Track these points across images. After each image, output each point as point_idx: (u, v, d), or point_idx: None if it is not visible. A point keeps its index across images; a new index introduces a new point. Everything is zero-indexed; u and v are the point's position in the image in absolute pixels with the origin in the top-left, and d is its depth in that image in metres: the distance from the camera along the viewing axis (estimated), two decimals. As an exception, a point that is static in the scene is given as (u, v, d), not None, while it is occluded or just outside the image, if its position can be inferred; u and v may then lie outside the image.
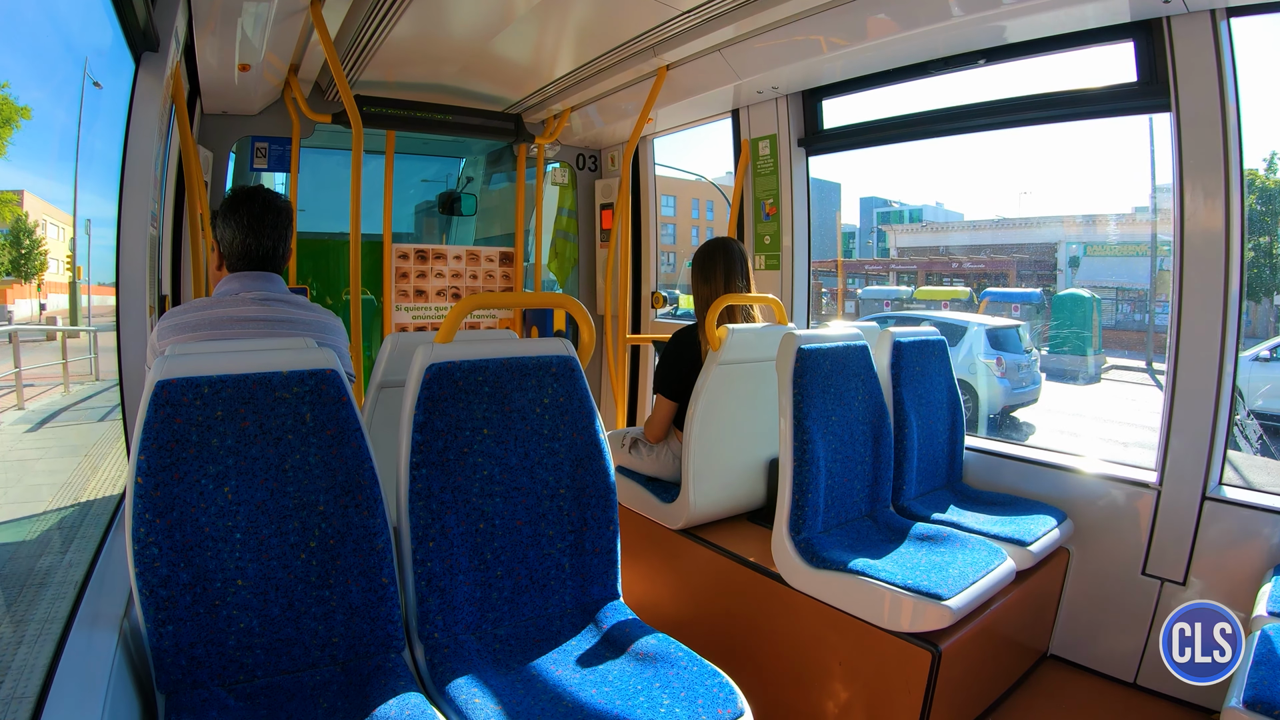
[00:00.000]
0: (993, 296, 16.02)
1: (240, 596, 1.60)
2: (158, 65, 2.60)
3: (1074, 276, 18.00)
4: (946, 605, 2.17)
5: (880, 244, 28.66)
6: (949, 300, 17.52)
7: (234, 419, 1.63)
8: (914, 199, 35.95)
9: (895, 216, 30.55)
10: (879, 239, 28.76)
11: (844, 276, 23.80)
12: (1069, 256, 18.72)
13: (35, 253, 3.81)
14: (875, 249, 30.12)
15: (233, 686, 1.59)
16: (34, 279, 3.88)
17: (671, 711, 1.59)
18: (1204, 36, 2.59)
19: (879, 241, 30.31)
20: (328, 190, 5.13)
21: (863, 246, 31.13)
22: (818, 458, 2.55)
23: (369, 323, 4.86)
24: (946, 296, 17.73)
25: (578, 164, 5.61)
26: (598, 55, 3.91)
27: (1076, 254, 18.50)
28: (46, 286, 3.25)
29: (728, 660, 1.94)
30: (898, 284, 22.10)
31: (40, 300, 4.09)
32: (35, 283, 3.89)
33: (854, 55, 3.42)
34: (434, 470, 1.86)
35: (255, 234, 2.34)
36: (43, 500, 3.39)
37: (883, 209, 31.63)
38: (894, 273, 23.59)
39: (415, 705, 1.54)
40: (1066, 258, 18.75)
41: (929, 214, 29.18)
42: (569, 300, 2.19)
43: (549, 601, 2.02)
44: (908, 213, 30.09)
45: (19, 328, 4.13)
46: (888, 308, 18.90)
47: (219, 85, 3.76)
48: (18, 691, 1.41)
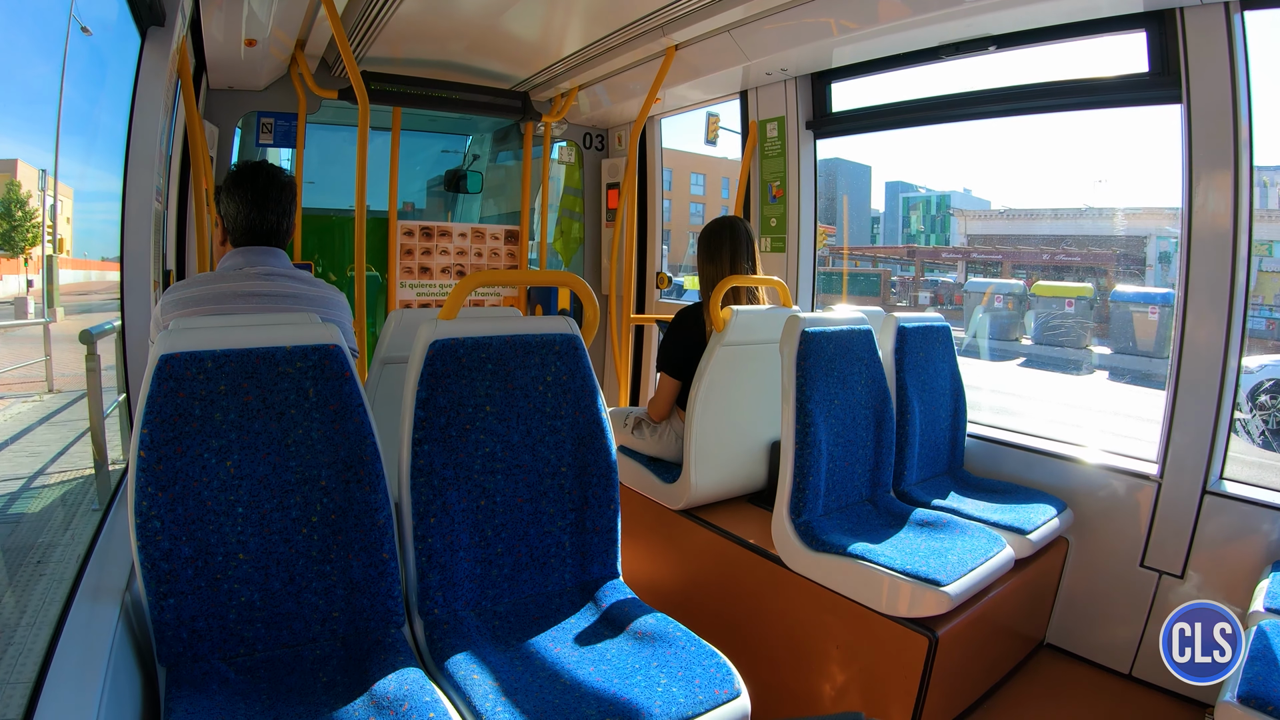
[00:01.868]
0: (1122, 298, 13.72)
1: (242, 570, 1.61)
2: (163, 40, 2.59)
3: (1165, 274, 16.23)
4: (945, 591, 2.18)
5: (939, 231, 27.87)
6: (1074, 298, 15.23)
7: (237, 393, 1.63)
8: (936, 183, 35.14)
9: (921, 203, 30.01)
10: (941, 227, 27.97)
11: (920, 265, 22.30)
12: (1159, 251, 16.93)
13: (27, 225, 3.56)
14: (900, 235, 29.58)
15: (233, 660, 1.60)
16: (22, 254, 3.59)
17: (669, 691, 1.60)
18: (1217, 28, 2.57)
19: (904, 227, 29.69)
20: (333, 166, 5.11)
21: (888, 232, 30.60)
22: (819, 441, 2.55)
23: (373, 299, 4.85)
24: (1071, 294, 15.96)
25: (585, 143, 5.59)
26: (606, 34, 3.88)
27: (1168, 249, 16.43)
28: (40, 262, 3.08)
29: (725, 641, 1.94)
30: (967, 275, 20.34)
31: (27, 276, 3.75)
32: (23, 258, 3.60)
33: (864, 39, 3.39)
34: (436, 446, 1.87)
35: (260, 209, 2.33)
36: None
37: (908, 194, 31.14)
38: (964, 263, 21.60)
39: (414, 680, 1.55)
40: (1157, 252, 17.06)
41: (956, 200, 28.64)
42: (573, 279, 2.19)
43: (549, 579, 2.03)
44: (935, 199, 29.54)
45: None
46: (1001, 304, 15.88)
47: (225, 60, 3.75)
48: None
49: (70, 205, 2.83)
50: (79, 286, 3.66)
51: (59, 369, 3.69)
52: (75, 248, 3.19)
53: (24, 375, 3.74)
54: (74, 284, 3.69)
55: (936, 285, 21.27)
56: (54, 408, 3.78)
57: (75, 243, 3.21)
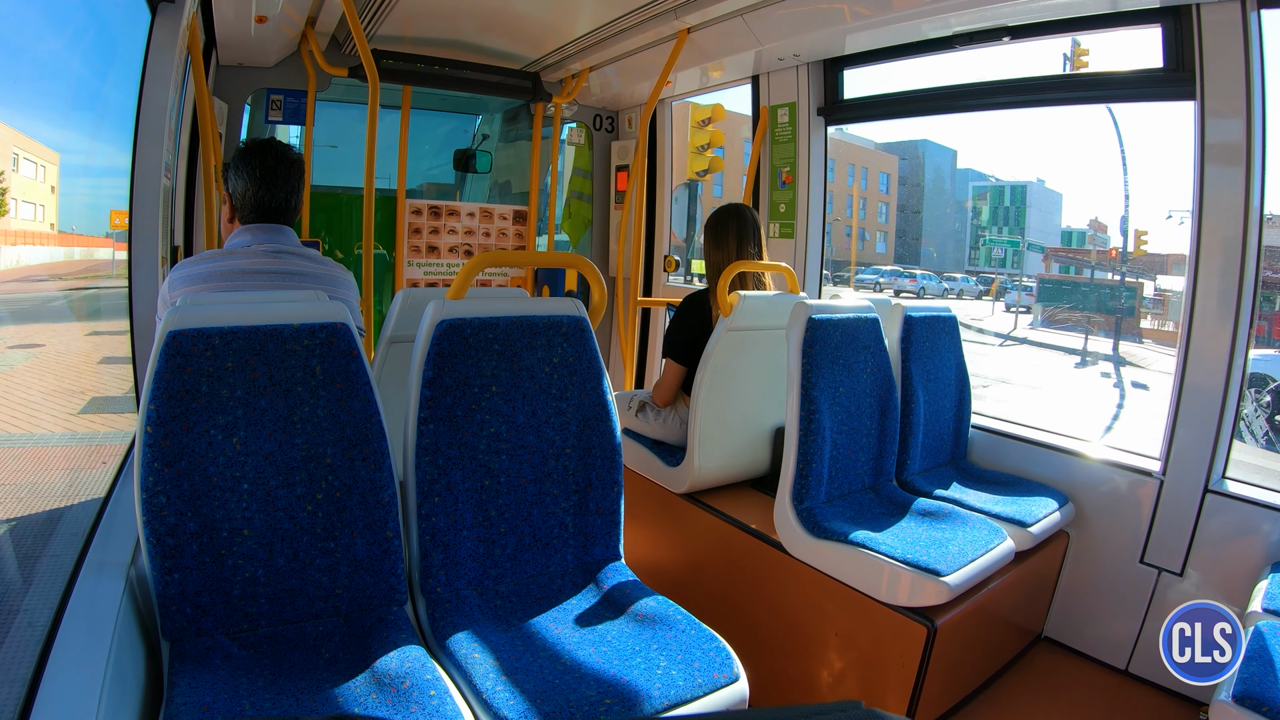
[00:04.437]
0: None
1: (246, 546, 1.62)
2: (174, 16, 2.58)
3: None
4: (944, 581, 2.19)
5: (1011, 224, 26.44)
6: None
7: (244, 370, 1.63)
8: (1003, 172, 34.00)
9: (991, 192, 28.91)
10: (1015, 219, 26.58)
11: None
12: None
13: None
14: (969, 228, 28.33)
15: (236, 635, 1.62)
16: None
17: (668, 673, 1.61)
18: (1233, 26, 2.55)
19: (972, 218, 28.34)
20: (342, 144, 5.11)
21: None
22: (823, 428, 2.56)
23: (380, 278, 4.85)
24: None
25: (595, 125, 5.57)
26: (618, 16, 3.86)
27: None
28: (13, 236, 2.74)
29: (725, 625, 1.95)
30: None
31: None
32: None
33: (877, 26, 3.37)
34: (441, 426, 1.87)
35: (269, 186, 2.33)
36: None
37: (977, 182, 30.07)
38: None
39: (415, 657, 1.57)
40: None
41: (1031, 192, 27.67)
42: (581, 260, 2.19)
43: (551, 560, 2.04)
44: (1008, 189, 28.45)
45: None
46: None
47: (235, 37, 3.74)
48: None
49: (55, 172, 2.64)
50: (46, 269, 3.19)
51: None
52: (62, 221, 2.91)
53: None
54: (44, 265, 3.23)
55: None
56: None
57: (62, 217, 2.89)
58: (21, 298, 2.84)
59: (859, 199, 35.51)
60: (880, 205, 36.37)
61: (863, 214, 35.71)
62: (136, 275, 2.56)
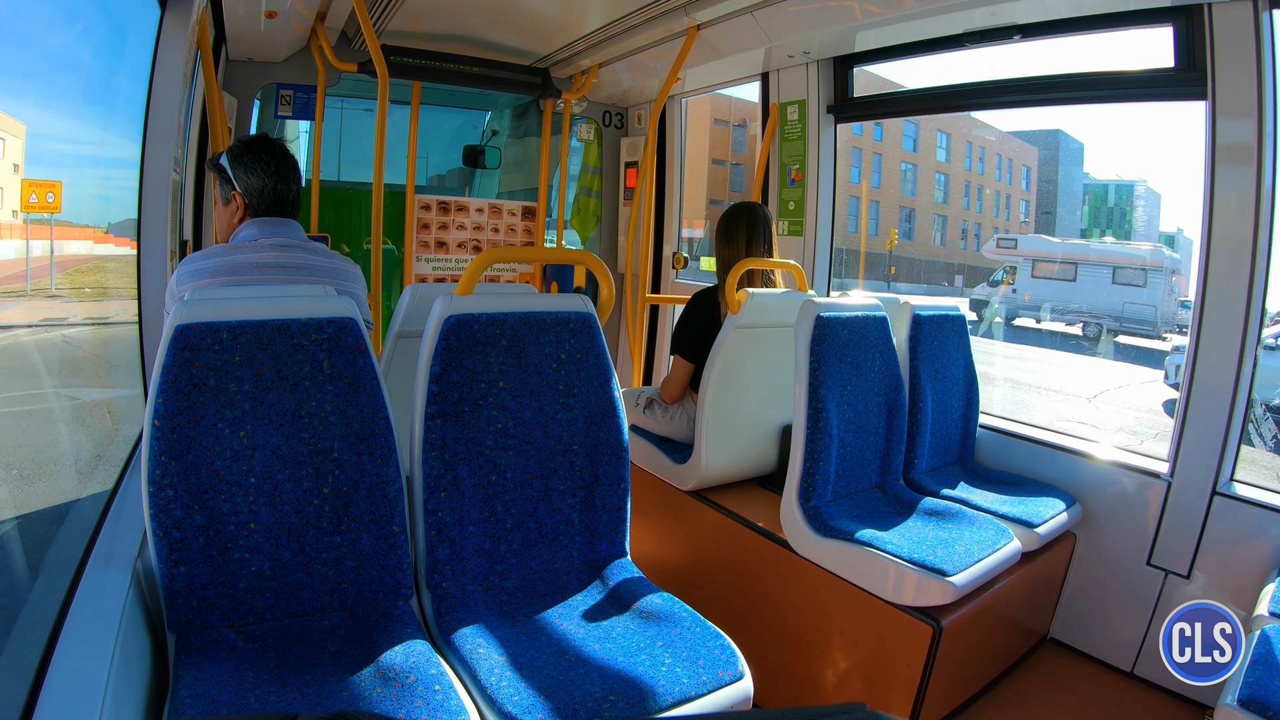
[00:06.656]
0: None
1: (252, 540, 1.63)
2: (184, 10, 2.58)
3: None
4: (950, 581, 2.18)
5: (1115, 224, 24.91)
6: None
7: (251, 364, 1.64)
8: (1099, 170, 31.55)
9: (1094, 191, 26.79)
10: (1119, 220, 24.92)
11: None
12: None
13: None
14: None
15: (242, 628, 1.62)
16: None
17: (673, 670, 1.61)
18: (1245, 26, 2.53)
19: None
20: (351, 139, 5.11)
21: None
22: (830, 426, 2.55)
23: (389, 272, 4.86)
24: None
25: (604, 121, 5.56)
26: (628, 12, 3.85)
27: None
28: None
29: (730, 623, 1.95)
30: None
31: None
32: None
33: (888, 23, 3.36)
34: (449, 421, 1.87)
35: (283, 180, 2.34)
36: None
37: (1085, 180, 27.75)
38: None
39: (420, 652, 1.57)
40: None
41: (1135, 193, 25.83)
42: (589, 257, 2.19)
43: (557, 556, 2.04)
44: (1113, 188, 26.50)
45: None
46: None
47: (245, 32, 3.74)
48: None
49: (19, 146, 2.23)
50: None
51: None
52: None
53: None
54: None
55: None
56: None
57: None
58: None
59: (1002, 196, 31.43)
60: (1021, 203, 31.82)
61: (1006, 213, 31.45)
62: (145, 269, 2.57)
